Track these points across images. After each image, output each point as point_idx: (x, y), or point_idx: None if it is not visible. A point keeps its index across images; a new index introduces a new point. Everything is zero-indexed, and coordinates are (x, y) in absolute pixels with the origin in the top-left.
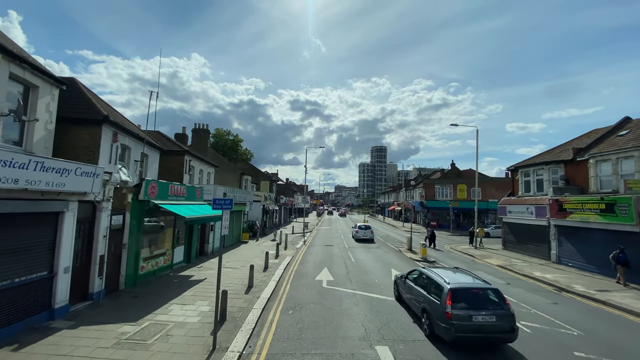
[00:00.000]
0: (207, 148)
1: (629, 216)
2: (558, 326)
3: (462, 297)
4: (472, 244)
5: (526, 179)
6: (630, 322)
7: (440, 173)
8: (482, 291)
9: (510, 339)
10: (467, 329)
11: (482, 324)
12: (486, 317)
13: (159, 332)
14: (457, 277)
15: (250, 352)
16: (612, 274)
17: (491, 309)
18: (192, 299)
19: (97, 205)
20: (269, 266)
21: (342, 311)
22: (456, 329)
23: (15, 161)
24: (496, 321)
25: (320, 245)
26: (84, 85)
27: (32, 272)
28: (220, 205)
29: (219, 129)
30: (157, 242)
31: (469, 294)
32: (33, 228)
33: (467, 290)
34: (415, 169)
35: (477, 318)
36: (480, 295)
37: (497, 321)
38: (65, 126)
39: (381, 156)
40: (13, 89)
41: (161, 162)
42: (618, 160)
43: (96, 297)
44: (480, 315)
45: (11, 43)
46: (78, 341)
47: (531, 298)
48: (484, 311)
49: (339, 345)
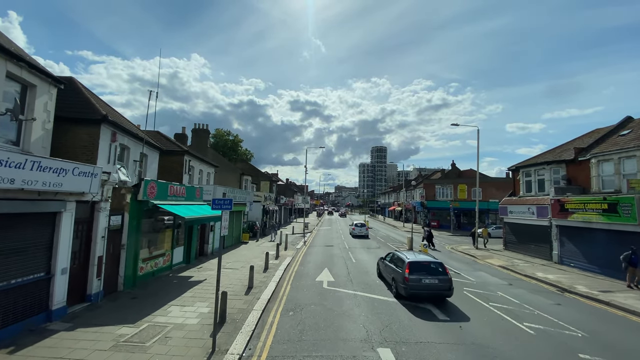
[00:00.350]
0: (207, 148)
1: (631, 216)
2: (562, 328)
3: (416, 267)
4: (475, 244)
5: (527, 179)
6: (634, 323)
7: (441, 173)
8: (430, 264)
9: (448, 295)
10: (418, 287)
11: (428, 284)
12: (431, 280)
13: (158, 334)
14: (415, 256)
15: (250, 355)
16: (616, 275)
17: (435, 275)
18: (191, 300)
19: (96, 205)
20: (269, 267)
21: (343, 312)
22: (410, 287)
23: (11, 161)
24: (438, 283)
25: (320, 245)
26: (82, 84)
27: (29, 274)
28: (219, 206)
29: (219, 129)
30: (157, 243)
31: (421, 265)
32: (30, 229)
33: (419, 263)
34: (416, 169)
35: (425, 281)
36: (428, 266)
37: (439, 283)
38: (63, 126)
39: (381, 156)
40: (10, 88)
41: (161, 162)
42: (620, 160)
43: (94, 299)
44: (427, 279)
45: (8, 42)
46: (76, 343)
47: (534, 299)
48: (430, 276)
49: (340, 348)
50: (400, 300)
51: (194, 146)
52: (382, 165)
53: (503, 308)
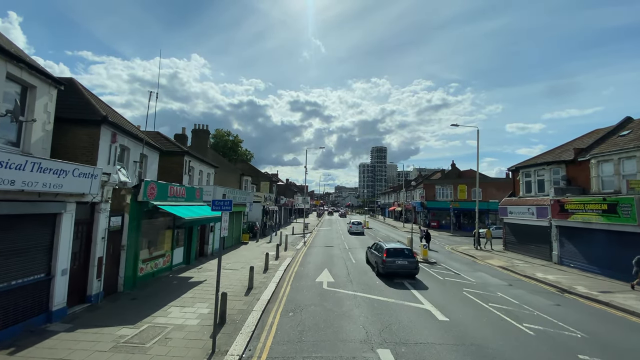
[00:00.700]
0: (207, 149)
1: (631, 217)
2: (561, 328)
3: (391, 252)
4: (478, 245)
5: (527, 180)
6: (633, 323)
7: (441, 173)
8: (403, 250)
9: (415, 273)
10: (392, 266)
11: (400, 264)
12: (403, 261)
13: (158, 335)
14: (392, 244)
15: (250, 356)
16: (615, 276)
17: (405, 258)
18: (191, 301)
19: (96, 206)
20: (269, 267)
21: (343, 313)
22: (387, 267)
23: (11, 162)
24: (408, 264)
25: (320, 246)
26: (82, 85)
27: (29, 275)
28: (219, 207)
29: (219, 130)
30: (157, 244)
31: (395, 250)
32: (30, 230)
33: (394, 249)
34: (416, 170)
35: (398, 262)
36: (401, 251)
37: (408, 264)
38: (63, 127)
39: (381, 157)
40: (10, 89)
41: (161, 163)
42: (620, 160)
43: (94, 300)
44: (399, 260)
45: (8, 43)
46: (75, 344)
47: (533, 300)
48: (402, 259)
49: (340, 348)
50: (381, 278)
51: (194, 147)
52: (382, 166)
53: (503, 309)
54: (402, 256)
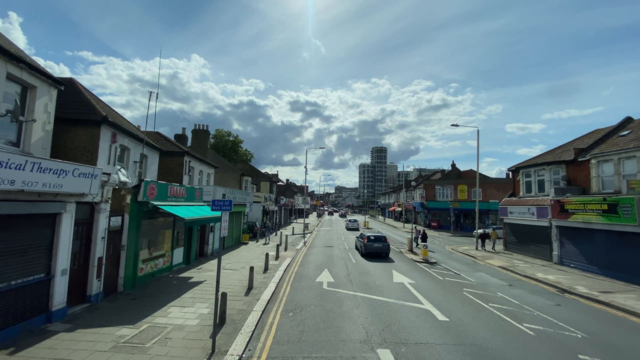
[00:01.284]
0: (207, 149)
1: (631, 217)
2: (561, 328)
3: (371, 239)
4: (482, 247)
5: (527, 180)
6: (634, 323)
7: (441, 174)
8: (379, 237)
9: (387, 253)
10: (371, 249)
11: (377, 247)
12: (378, 245)
13: (158, 335)
14: (372, 233)
15: (250, 356)
16: (616, 276)
17: (380, 243)
18: (191, 301)
19: (96, 206)
20: (269, 268)
21: (343, 313)
22: (367, 249)
23: (11, 162)
24: (382, 247)
25: (320, 246)
26: (82, 85)
27: (29, 275)
28: (219, 207)
29: (219, 130)
30: (156, 244)
31: (374, 237)
32: (30, 230)
33: (373, 236)
34: (416, 170)
35: (375, 245)
36: (377, 238)
37: (382, 247)
38: (63, 127)
39: (381, 157)
40: (11, 89)
41: (161, 163)
42: (620, 160)
43: (94, 300)
44: (376, 244)
45: (8, 43)
46: (75, 344)
47: (533, 300)
48: (378, 243)
49: (340, 349)
50: (365, 258)
51: (194, 147)
52: (382, 166)
53: (503, 309)
54: (378, 241)
